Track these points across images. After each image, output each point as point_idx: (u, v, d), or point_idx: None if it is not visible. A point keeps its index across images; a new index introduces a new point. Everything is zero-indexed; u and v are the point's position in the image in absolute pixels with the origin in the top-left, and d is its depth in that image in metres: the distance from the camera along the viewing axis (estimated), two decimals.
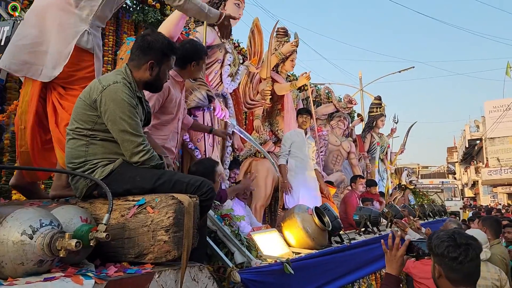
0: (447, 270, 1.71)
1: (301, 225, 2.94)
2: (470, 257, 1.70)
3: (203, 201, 1.80)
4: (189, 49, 2.87)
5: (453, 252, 1.70)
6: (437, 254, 1.75)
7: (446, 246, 1.73)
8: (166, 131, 2.81)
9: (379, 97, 9.85)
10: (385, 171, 9.54)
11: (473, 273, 1.73)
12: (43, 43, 2.40)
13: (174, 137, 2.90)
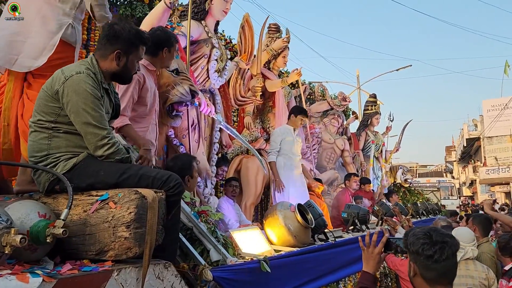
0: (422, 269, 1.65)
1: (283, 222, 2.88)
2: (446, 255, 1.63)
3: (170, 196, 1.74)
4: (161, 36, 2.83)
5: (428, 250, 1.63)
6: (412, 251, 1.68)
7: (421, 244, 1.66)
8: (145, 122, 2.76)
9: (374, 95, 9.79)
10: (380, 169, 9.47)
11: (448, 272, 1.67)
12: (21, 34, 2.40)
13: (154, 129, 2.85)
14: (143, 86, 2.67)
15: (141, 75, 2.65)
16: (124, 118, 2.55)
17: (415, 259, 1.67)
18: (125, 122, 2.54)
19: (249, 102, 5.73)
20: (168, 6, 3.46)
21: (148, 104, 2.74)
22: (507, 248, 2.87)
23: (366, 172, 9.14)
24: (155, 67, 2.85)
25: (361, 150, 9.17)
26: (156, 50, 2.81)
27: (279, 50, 6.04)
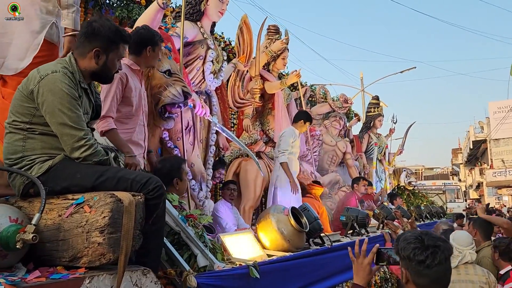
0: (414, 275, 1.58)
1: (275, 226, 2.80)
2: (438, 260, 1.56)
3: (150, 199, 1.68)
4: (144, 34, 2.77)
5: (420, 255, 1.56)
6: (404, 257, 1.60)
7: (412, 249, 1.59)
8: (131, 123, 2.69)
9: (377, 97, 9.69)
10: (383, 172, 9.37)
11: (442, 278, 1.60)
12: (6, 35, 2.35)
13: (141, 130, 2.78)
14: (127, 85, 2.61)
15: (123, 75, 2.59)
16: (109, 121, 2.49)
17: (407, 265, 1.59)
18: (110, 126, 2.48)
19: (248, 104, 5.66)
20: (161, 6, 3.41)
21: (134, 105, 2.67)
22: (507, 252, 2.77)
23: (369, 175, 9.03)
24: (140, 67, 2.78)
25: (363, 152, 9.08)
26: (140, 49, 2.75)
27: (278, 51, 5.98)
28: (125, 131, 2.67)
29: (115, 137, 2.50)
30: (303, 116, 5.14)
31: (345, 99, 7.89)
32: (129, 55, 2.78)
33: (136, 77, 2.78)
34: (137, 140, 2.73)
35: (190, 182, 3.67)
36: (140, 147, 2.76)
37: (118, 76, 2.57)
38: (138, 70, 2.79)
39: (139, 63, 2.78)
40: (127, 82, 2.61)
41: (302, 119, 5.08)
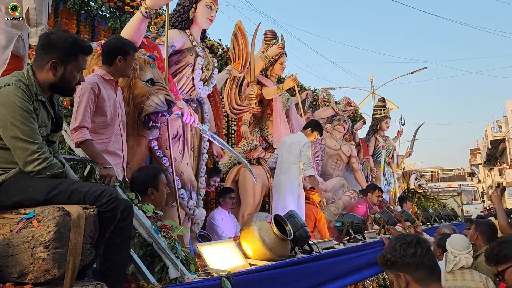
0: (413, 270, 1.68)
1: (258, 234, 2.74)
2: (426, 248, 1.72)
3: (103, 212, 1.65)
4: (114, 44, 2.75)
5: (410, 249, 1.70)
6: (397, 260, 1.71)
7: (400, 248, 1.72)
8: (107, 133, 2.68)
9: (383, 98, 9.56)
10: (392, 175, 9.20)
11: (435, 267, 1.74)
12: None
13: (118, 140, 2.77)
14: (99, 95, 2.60)
15: (94, 85, 2.58)
16: (83, 132, 2.48)
17: (403, 266, 1.69)
18: (85, 137, 2.46)
19: (245, 110, 5.62)
20: (145, 15, 3.41)
21: (108, 114, 2.66)
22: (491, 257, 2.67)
23: (377, 178, 8.88)
24: (113, 77, 2.77)
25: (371, 155, 8.94)
26: (111, 59, 2.73)
27: (275, 56, 5.94)
28: (101, 141, 2.66)
29: (89, 148, 2.48)
30: (313, 125, 5.17)
31: (348, 102, 7.77)
32: (102, 66, 2.78)
33: (110, 87, 2.77)
34: (113, 150, 2.71)
35: (179, 191, 3.64)
36: (117, 156, 2.74)
37: (90, 86, 2.58)
38: (112, 80, 2.78)
39: (112, 73, 2.77)
40: (99, 92, 2.60)
41: (311, 127, 5.05)
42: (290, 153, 4.96)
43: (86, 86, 2.60)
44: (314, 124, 5.29)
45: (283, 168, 4.97)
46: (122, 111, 2.90)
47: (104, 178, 2.40)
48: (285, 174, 4.82)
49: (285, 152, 5.05)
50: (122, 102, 2.92)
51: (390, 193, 8.01)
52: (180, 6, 4.14)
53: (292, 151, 4.85)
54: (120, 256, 1.91)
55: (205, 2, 4.09)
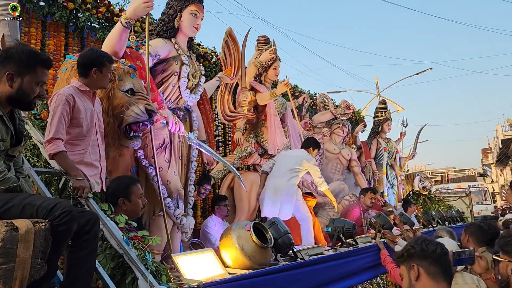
0: (428, 264, 1.80)
1: (236, 243, 2.70)
2: (444, 250, 1.86)
3: (56, 226, 1.63)
4: (89, 56, 2.75)
5: (431, 245, 1.84)
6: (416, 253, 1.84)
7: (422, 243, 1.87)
8: (83, 145, 2.68)
9: (384, 101, 9.49)
10: (395, 177, 9.08)
11: (448, 269, 1.84)
12: None
13: (95, 150, 2.76)
14: (74, 106, 2.60)
15: (69, 96, 2.58)
16: (57, 143, 2.48)
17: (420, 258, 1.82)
18: (58, 149, 2.46)
19: (239, 117, 5.61)
20: (125, 26, 3.41)
21: (84, 125, 2.66)
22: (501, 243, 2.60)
23: (380, 181, 8.80)
24: (89, 88, 2.77)
25: (373, 158, 8.85)
26: (86, 71, 2.74)
27: (268, 62, 5.93)
28: (77, 152, 2.65)
29: (63, 160, 2.48)
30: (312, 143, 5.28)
31: (347, 106, 7.72)
32: (79, 78, 2.78)
33: (87, 98, 2.77)
34: (90, 160, 2.71)
35: (165, 200, 3.62)
36: (94, 167, 2.74)
37: (64, 97, 2.58)
38: (88, 91, 2.78)
39: (88, 85, 2.78)
40: (74, 103, 2.60)
41: (311, 147, 5.17)
42: (289, 164, 4.98)
43: (60, 97, 2.61)
44: (314, 143, 5.36)
45: (280, 173, 4.95)
46: (100, 122, 2.90)
47: (76, 190, 2.40)
48: (281, 178, 4.81)
49: (284, 163, 5.05)
50: (100, 113, 2.92)
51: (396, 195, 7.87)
52: (164, 15, 4.14)
53: (292, 163, 4.89)
54: (85, 270, 1.89)
55: (190, 10, 4.08)
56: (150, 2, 3.45)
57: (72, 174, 2.44)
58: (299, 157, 5.05)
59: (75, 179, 2.42)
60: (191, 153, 4.24)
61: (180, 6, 4.08)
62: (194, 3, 4.10)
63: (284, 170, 4.90)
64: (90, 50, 2.82)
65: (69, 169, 2.47)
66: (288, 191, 4.66)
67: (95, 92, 2.88)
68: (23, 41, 4.15)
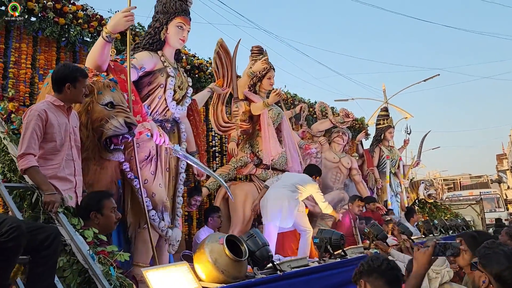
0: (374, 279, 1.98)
1: (209, 256, 2.67)
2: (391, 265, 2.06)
3: (3, 242, 1.63)
4: (62, 72, 2.76)
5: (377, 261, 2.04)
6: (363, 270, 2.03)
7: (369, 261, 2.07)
8: (56, 159, 2.69)
9: (386, 108, 9.42)
10: (399, 185, 8.96)
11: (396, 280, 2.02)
12: None
13: (70, 165, 2.77)
14: (47, 121, 2.62)
15: (42, 111, 2.60)
16: (29, 158, 2.50)
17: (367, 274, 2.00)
18: (30, 164, 2.48)
19: (233, 127, 5.61)
20: (106, 40, 3.45)
21: (58, 140, 2.68)
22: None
23: (383, 190, 8.69)
24: (64, 103, 2.79)
25: (375, 166, 8.75)
26: (60, 87, 2.76)
27: (262, 72, 5.93)
28: (50, 167, 2.66)
29: (34, 175, 2.50)
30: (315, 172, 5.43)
31: (346, 114, 7.65)
32: (53, 93, 2.80)
33: (61, 112, 2.78)
34: (64, 175, 2.71)
35: (150, 213, 3.62)
36: (68, 182, 2.74)
37: (37, 113, 2.60)
38: (63, 106, 2.79)
39: (62, 100, 2.79)
40: (47, 118, 2.62)
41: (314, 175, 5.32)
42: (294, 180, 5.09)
43: (33, 113, 2.63)
44: (317, 171, 5.57)
45: (283, 185, 4.97)
46: (76, 136, 2.91)
47: (47, 204, 2.42)
48: (284, 188, 4.82)
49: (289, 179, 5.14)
50: (76, 127, 2.93)
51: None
52: (151, 28, 4.17)
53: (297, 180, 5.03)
54: (43, 286, 1.89)
55: (176, 23, 4.11)
56: (130, 16, 3.49)
57: (43, 188, 2.46)
58: (304, 178, 5.13)
59: (46, 194, 2.44)
60: (180, 164, 4.24)
61: (165, 19, 4.11)
62: (180, 16, 4.13)
63: (288, 183, 4.92)
64: (64, 65, 2.84)
65: (40, 184, 2.49)
66: (291, 199, 4.69)
67: (70, 107, 2.90)
68: (13, 57, 4.24)
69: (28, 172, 2.50)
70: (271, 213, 4.68)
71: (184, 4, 4.22)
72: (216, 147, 6.40)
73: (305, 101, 8.45)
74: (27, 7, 4.23)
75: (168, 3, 4.13)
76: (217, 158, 6.37)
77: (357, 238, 5.18)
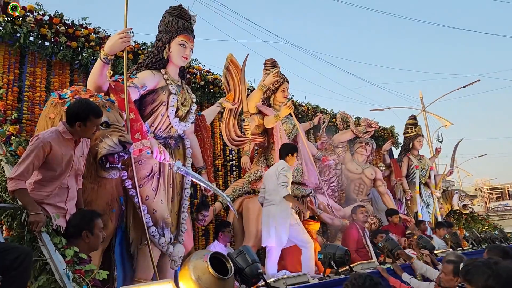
0: None
1: (192, 274, 2.65)
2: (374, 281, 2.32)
3: None
4: (75, 109, 2.81)
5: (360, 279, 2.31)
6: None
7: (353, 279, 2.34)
8: (50, 187, 2.76)
9: (414, 116, 9.08)
10: (430, 196, 8.58)
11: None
12: None
13: (63, 193, 2.84)
14: (50, 153, 2.70)
15: (47, 143, 2.68)
16: (18, 182, 2.59)
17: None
18: (18, 186, 2.58)
19: (245, 141, 5.60)
20: (104, 61, 3.56)
21: (57, 171, 2.76)
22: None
23: (413, 201, 8.36)
24: (72, 136, 2.87)
25: (404, 177, 8.45)
26: (71, 122, 2.83)
27: (276, 85, 5.91)
28: (43, 193, 2.74)
29: (22, 196, 2.61)
30: (285, 149, 4.96)
31: (368, 124, 7.47)
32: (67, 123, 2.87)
33: (68, 144, 2.85)
34: (53, 202, 2.77)
35: (150, 229, 3.67)
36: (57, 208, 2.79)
37: (41, 144, 2.68)
38: (71, 139, 2.87)
39: (72, 133, 2.85)
40: (50, 150, 2.70)
41: (288, 153, 4.88)
42: (272, 183, 4.81)
43: (38, 142, 2.70)
44: (290, 148, 5.03)
45: (271, 199, 4.82)
46: (79, 165, 2.96)
47: (31, 224, 2.51)
48: (274, 204, 4.67)
49: (268, 184, 4.89)
50: (82, 156, 2.99)
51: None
52: (154, 47, 4.27)
53: (275, 180, 4.71)
54: None
55: (178, 41, 4.19)
56: (126, 38, 3.58)
57: (29, 209, 2.56)
58: (278, 171, 4.81)
59: (31, 214, 2.54)
60: (185, 180, 4.28)
61: (168, 37, 4.20)
62: (182, 34, 4.21)
63: (271, 191, 4.75)
64: (79, 102, 2.88)
65: (27, 204, 2.58)
66: (281, 215, 4.53)
67: (78, 139, 2.97)
68: (28, 80, 4.46)
69: (17, 193, 2.60)
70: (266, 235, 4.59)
71: (186, 22, 4.30)
72: (233, 161, 6.41)
73: (328, 112, 8.34)
74: (40, 33, 4.46)
75: (170, 23, 4.22)
76: (235, 172, 6.38)
77: (369, 249, 4.96)
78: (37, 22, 4.42)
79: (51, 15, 4.59)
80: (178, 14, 4.29)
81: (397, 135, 10.02)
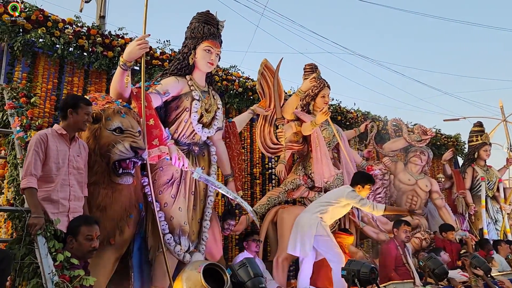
0: None
1: (184, 284, 2.53)
2: None
3: None
4: (65, 100, 3.02)
5: None
6: None
7: None
8: (51, 182, 2.84)
9: (480, 123, 8.28)
10: (499, 211, 7.75)
11: None
12: None
13: (65, 190, 2.89)
14: (47, 146, 2.81)
15: (44, 135, 2.81)
16: (29, 180, 2.68)
17: None
18: (28, 185, 2.67)
19: (281, 149, 5.41)
20: (123, 68, 3.59)
21: (53, 165, 2.83)
22: None
23: (477, 216, 7.61)
24: (67, 131, 2.96)
25: (468, 189, 7.72)
26: (64, 114, 2.97)
27: (315, 90, 5.69)
28: (45, 188, 2.80)
29: (29, 196, 2.69)
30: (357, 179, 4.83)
31: (423, 131, 6.92)
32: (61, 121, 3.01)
33: (63, 141, 2.95)
34: (57, 198, 2.82)
35: (166, 236, 3.62)
36: (61, 205, 2.84)
37: (38, 137, 2.83)
38: (65, 135, 2.96)
39: (66, 128, 2.97)
40: (47, 142, 2.82)
41: (359, 184, 4.70)
42: (325, 198, 4.68)
43: (35, 137, 2.87)
44: (362, 178, 4.83)
45: (310, 208, 4.62)
46: (78, 163, 3.02)
47: (30, 226, 2.55)
48: (307, 212, 4.47)
49: (322, 198, 4.76)
50: (79, 156, 3.04)
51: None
52: (180, 53, 4.27)
53: (327, 197, 4.62)
54: None
55: (203, 47, 4.15)
56: (144, 44, 3.59)
57: (31, 211, 2.61)
58: (337, 193, 4.65)
59: (32, 216, 2.58)
60: (208, 188, 4.20)
61: (193, 44, 4.17)
62: (208, 40, 4.16)
63: (316, 204, 4.55)
64: (69, 95, 3.08)
65: (31, 205, 2.65)
66: (308, 223, 4.31)
67: (75, 136, 3.05)
68: (66, 89, 4.67)
69: (26, 191, 2.70)
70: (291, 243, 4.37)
71: (213, 28, 4.25)
72: (272, 169, 6.23)
73: (381, 118, 7.88)
74: (78, 44, 4.66)
75: (196, 29, 4.19)
76: (273, 181, 6.19)
77: (410, 268, 4.50)
78: (75, 34, 4.63)
79: (89, 27, 4.78)
80: (205, 20, 4.25)
81: (463, 144, 9.23)
